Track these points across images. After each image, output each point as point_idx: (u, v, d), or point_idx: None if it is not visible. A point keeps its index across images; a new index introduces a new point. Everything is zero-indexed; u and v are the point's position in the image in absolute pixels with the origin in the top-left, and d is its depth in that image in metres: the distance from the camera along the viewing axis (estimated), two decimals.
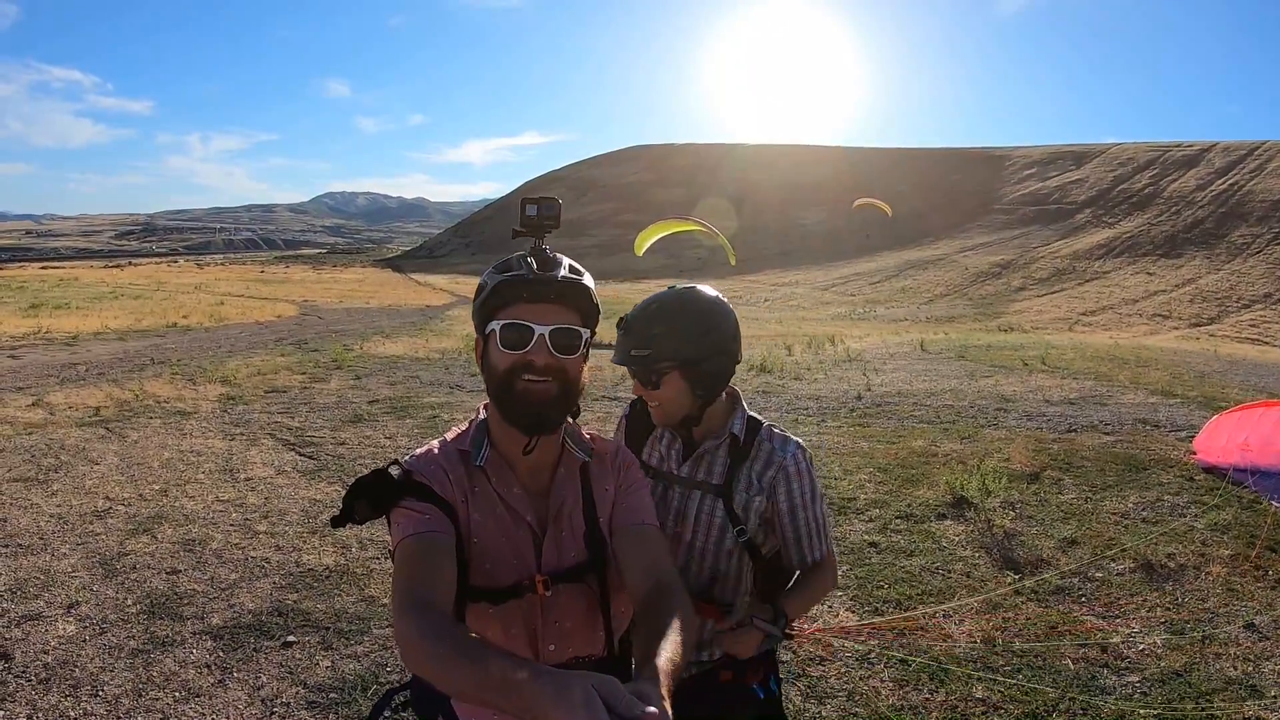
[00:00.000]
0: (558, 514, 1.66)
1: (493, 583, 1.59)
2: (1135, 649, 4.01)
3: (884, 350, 17.51)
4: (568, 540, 1.66)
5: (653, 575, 1.55)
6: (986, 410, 9.96)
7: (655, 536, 1.66)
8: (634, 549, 1.62)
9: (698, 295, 2.15)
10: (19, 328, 23.26)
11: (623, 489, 1.73)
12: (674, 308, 2.11)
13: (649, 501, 1.74)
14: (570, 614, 1.65)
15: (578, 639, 1.66)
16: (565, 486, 1.69)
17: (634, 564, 1.59)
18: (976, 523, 5.88)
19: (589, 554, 1.66)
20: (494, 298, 1.57)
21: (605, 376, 13.86)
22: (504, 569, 1.61)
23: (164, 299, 40.58)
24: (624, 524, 1.67)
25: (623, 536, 1.65)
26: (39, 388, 12.97)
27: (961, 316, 49.92)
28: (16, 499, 6.93)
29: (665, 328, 2.07)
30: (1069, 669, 3.84)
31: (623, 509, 1.69)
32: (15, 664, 4.26)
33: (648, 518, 1.69)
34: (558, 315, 1.57)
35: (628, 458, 1.80)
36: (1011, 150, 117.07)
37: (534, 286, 1.55)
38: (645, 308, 2.14)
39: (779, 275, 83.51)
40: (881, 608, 4.56)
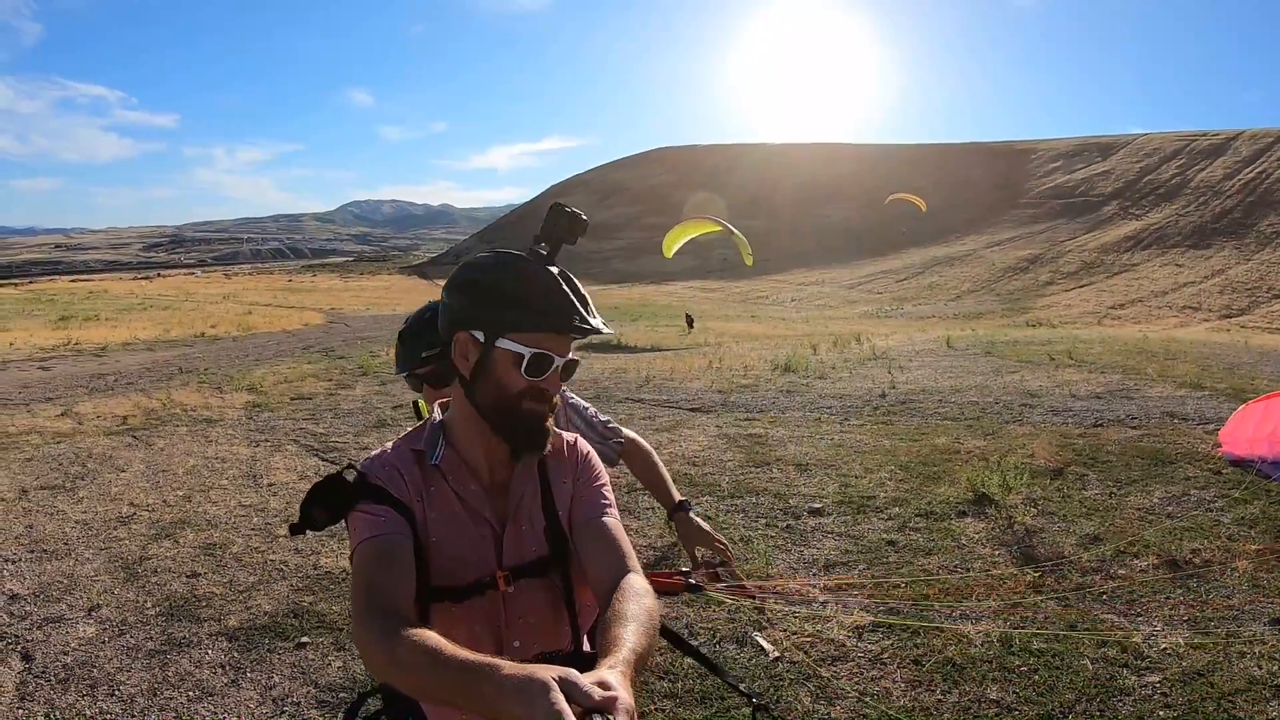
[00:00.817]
0: (517, 509, 1.66)
1: (454, 581, 1.59)
2: (1156, 648, 3.91)
3: (910, 348, 17.36)
4: (528, 535, 1.66)
5: (614, 569, 1.55)
6: (1012, 406, 9.84)
7: (614, 529, 1.65)
8: (594, 543, 1.62)
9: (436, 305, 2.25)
10: (49, 339, 23.63)
11: (580, 482, 1.72)
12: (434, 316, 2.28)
13: (607, 493, 1.73)
14: (534, 609, 1.65)
15: (543, 634, 1.66)
16: (523, 482, 1.68)
17: (595, 558, 1.60)
18: (997, 520, 5.79)
19: (550, 548, 1.66)
20: (523, 316, 1.54)
21: (629, 379, 13.87)
22: (464, 567, 1.60)
23: (192, 309, 41.10)
24: (583, 518, 1.67)
25: (583, 531, 1.65)
26: (68, 398, 13.18)
27: (989, 312, 49.52)
28: (43, 506, 7.05)
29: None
30: (1087, 669, 3.75)
31: (581, 503, 1.69)
32: (36, 664, 4.36)
33: (607, 511, 1.69)
34: (570, 347, 1.59)
35: (582, 450, 1.79)
36: (1036, 143, 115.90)
37: (579, 325, 1.54)
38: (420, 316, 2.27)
39: (804, 274, 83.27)
40: (897, 607, 4.51)
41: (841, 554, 5.38)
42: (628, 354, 19.82)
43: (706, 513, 6.35)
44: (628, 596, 1.42)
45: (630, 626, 1.32)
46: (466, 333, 1.57)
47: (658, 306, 51.93)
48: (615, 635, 1.29)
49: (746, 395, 11.77)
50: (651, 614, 1.40)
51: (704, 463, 7.87)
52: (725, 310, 57.61)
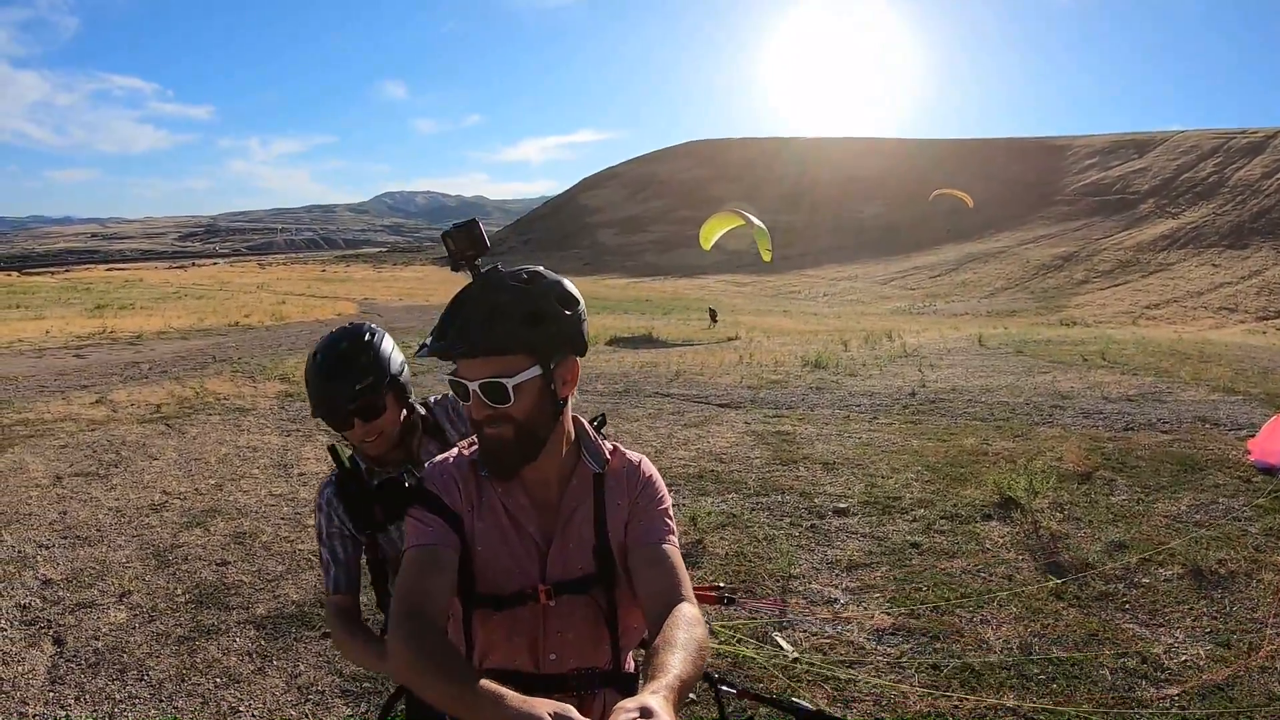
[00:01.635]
0: (566, 525, 1.66)
1: (497, 590, 1.61)
2: (1177, 659, 3.86)
3: (941, 345, 17.25)
4: (574, 552, 1.65)
5: (668, 596, 1.54)
6: (1042, 407, 9.75)
7: (671, 556, 1.63)
8: (649, 569, 1.60)
9: (351, 330, 2.22)
10: (85, 328, 23.97)
11: (639, 506, 1.70)
12: (350, 348, 2.15)
13: (669, 519, 1.71)
14: (573, 625, 1.65)
15: (582, 650, 1.66)
16: (576, 498, 1.68)
17: (649, 584, 1.58)
18: (1022, 524, 5.75)
19: (596, 567, 1.65)
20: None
21: (660, 373, 13.87)
22: (507, 577, 1.62)
23: (226, 298, 41.52)
24: (639, 543, 1.65)
25: (638, 556, 1.63)
26: (103, 386, 13.37)
27: (1023, 310, 49.03)
28: (77, 493, 7.18)
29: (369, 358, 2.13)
30: (1106, 680, 3.71)
31: (638, 527, 1.67)
32: (67, 649, 4.46)
33: (666, 538, 1.66)
34: (486, 368, 1.52)
35: (645, 473, 1.76)
36: (1072, 140, 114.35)
37: (444, 355, 1.53)
38: (335, 348, 2.14)
39: (838, 269, 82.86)
40: (918, 610, 4.49)
41: (865, 555, 5.36)
42: (659, 348, 19.82)
43: (731, 510, 6.36)
44: (679, 624, 1.42)
45: (678, 654, 1.31)
46: None
47: (690, 300, 51.80)
48: (662, 661, 1.29)
49: (776, 391, 11.78)
50: (701, 644, 1.39)
51: (731, 460, 7.88)
52: (758, 305, 57.42)
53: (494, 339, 1.49)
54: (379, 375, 2.10)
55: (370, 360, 2.11)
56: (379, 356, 2.13)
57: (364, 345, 2.14)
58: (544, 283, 1.57)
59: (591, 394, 12.02)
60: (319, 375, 2.08)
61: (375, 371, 2.10)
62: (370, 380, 2.07)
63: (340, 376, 2.07)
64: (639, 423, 9.81)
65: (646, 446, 8.47)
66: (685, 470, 7.55)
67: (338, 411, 2.09)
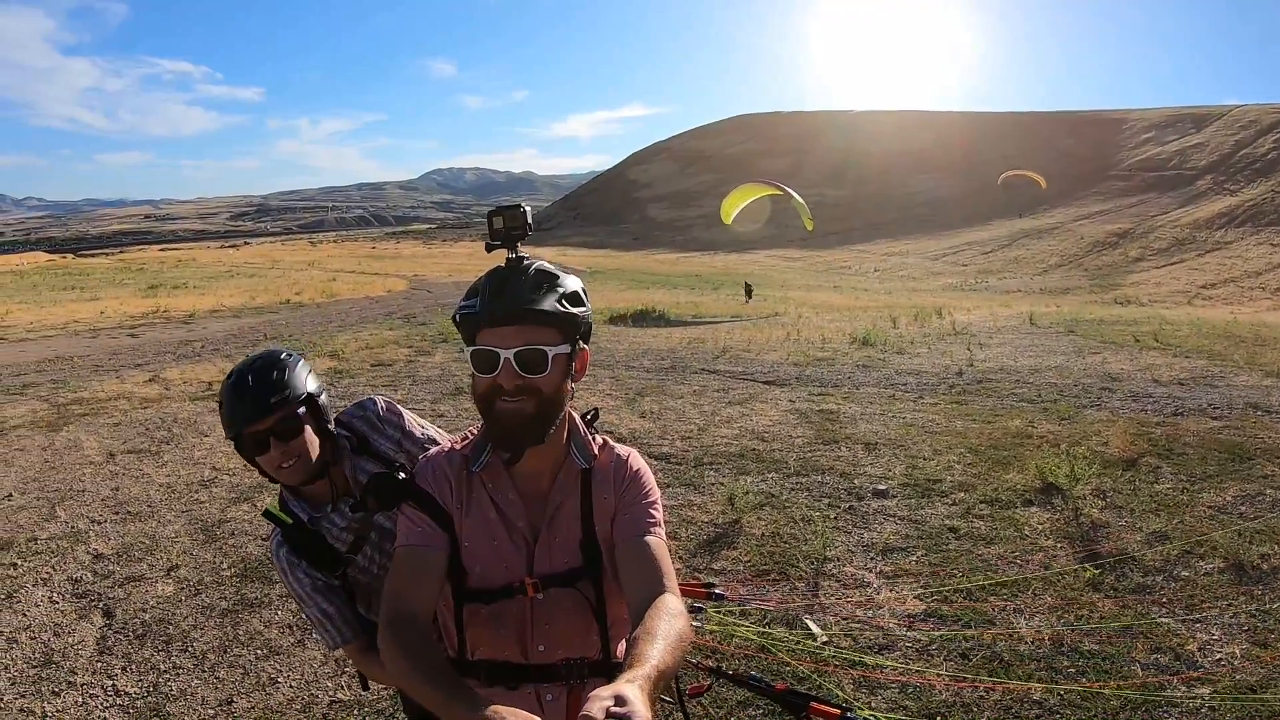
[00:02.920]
0: (552, 520, 1.69)
1: (485, 584, 1.65)
2: (1211, 657, 3.76)
3: (991, 324, 17.00)
4: (561, 546, 1.68)
5: (651, 588, 1.55)
6: (1091, 390, 9.56)
7: (656, 549, 1.64)
8: (634, 562, 1.62)
9: (267, 354, 2.11)
10: (139, 308, 24.50)
11: (625, 500, 1.72)
12: (264, 368, 2.04)
13: (655, 512, 1.72)
14: (560, 616, 1.68)
15: (570, 641, 1.69)
16: (563, 492, 1.70)
17: (633, 577, 1.60)
18: (1063, 511, 5.64)
19: (583, 561, 1.68)
20: (463, 329, 1.60)
21: (706, 349, 13.87)
22: (494, 572, 1.66)
23: (278, 277, 42.16)
24: (625, 536, 1.66)
25: (624, 549, 1.65)
26: (156, 364, 13.69)
27: (1076, 288, 48.10)
28: (129, 469, 7.37)
29: (283, 378, 2.04)
30: (1137, 675, 3.62)
31: (624, 521, 1.69)
32: (116, 620, 4.62)
33: (651, 530, 1.67)
34: (521, 336, 1.55)
35: (633, 467, 1.77)
36: (1128, 113, 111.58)
37: (491, 317, 1.56)
38: (238, 383, 2.02)
39: (889, 245, 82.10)
40: (951, 597, 4.44)
41: (901, 539, 5.32)
42: (707, 325, 19.79)
43: (770, 490, 6.35)
44: (659, 615, 1.43)
45: (658, 644, 1.32)
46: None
47: (740, 275, 51.51)
48: (641, 651, 1.29)
49: (822, 369, 11.71)
50: (681, 635, 1.40)
51: (773, 438, 7.86)
52: (807, 280, 57.05)
53: (544, 308, 1.54)
54: (294, 392, 2.02)
55: (284, 379, 2.02)
56: (294, 376, 2.05)
57: (279, 365, 2.04)
58: (573, 274, 1.64)
59: (638, 370, 12.07)
60: (233, 394, 1.99)
61: (290, 389, 2.01)
62: (285, 395, 1.99)
63: (254, 395, 1.97)
64: (683, 400, 9.82)
65: (689, 424, 8.50)
66: (726, 449, 7.55)
67: (247, 430, 1.98)
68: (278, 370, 2.02)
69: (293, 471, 2.00)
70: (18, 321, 21.84)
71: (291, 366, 2.06)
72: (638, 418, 8.92)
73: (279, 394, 1.98)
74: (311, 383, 2.09)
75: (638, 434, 8.17)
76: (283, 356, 2.08)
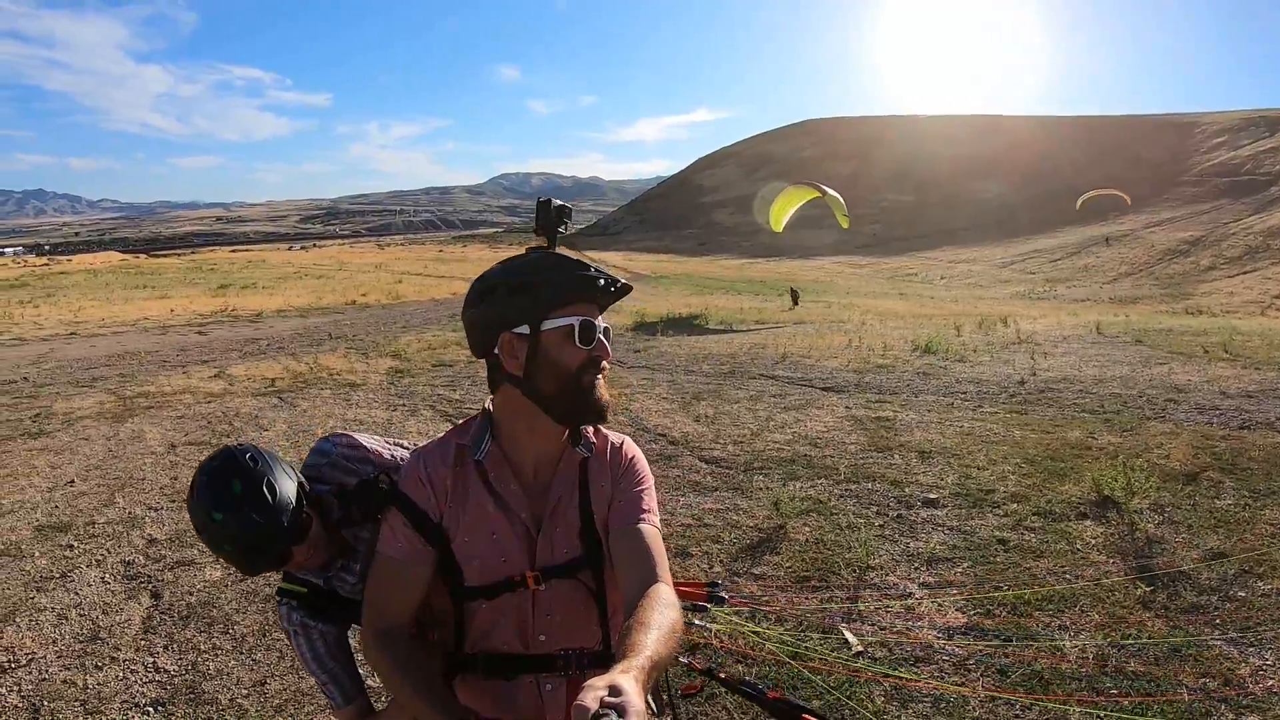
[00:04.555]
0: (554, 510, 1.68)
1: (485, 579, 1.65)
2: (1263, 684, 3.56)
3: (1057, 333, 16.60)
4: (562, 536, 1.67)
5: (643, 577, 1.54)
6: (1155, 401, 9.26)
7: (649, 537, 1.63)
8: (627, 551, 1.61)
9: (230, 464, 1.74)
10: (208, 306, 25.18)
11: (620, 487, 1.71)
12: (247, 483, 1.71)
13: (648, 499, 1.71)
14: (561, 607, 1.67)
15: (571, 632, 1.69)
16: (564, 482, 1.70)
17: (626, 565, 1.60)
18: (1118, 525, 5.45)
19: (583, 550, 1.67)
20: (554, 294, 1.58)
21: (767, 354, 13.77)
22: (493, 567, 1.65)
23: (345, 279, 42.99)
24: (619, 524, 1.66)
25: (618, 537, 1.64)
26: (222, 361, 14.07)
27: (1146, 297, 46.71)
28: (189, 460, 7.59)
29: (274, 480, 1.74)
30: (1182, 701, 3.45)
31: (619, 508, 1.68)
32: (163, 602, 4.78)
33: (644, 518, 1.67)
34: (599, 314, 1.64)
35: (628, 454, 1.77)
36: (1199, 116, 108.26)
37: (604, 291, 1.60)
38: (233, 514, 1.67)
39: (955, 252, 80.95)
40: (994, 610, 4.31)
41: (948, 549, 5.19)
42: (769, 329, 19.71)
43: (819, 496, 6.27)
44: (652, 605, 1.42)
45: (651, 633, 1.31)
46: (509, 333, 1.60)
47: (804, 282, 51.16)
48: (634, 641, 1.29)
49: (882, 376, 11.56)
50: (674, 625, 1.39)
51: (825, 444, 7.78)
52: (873, 287, 56.43)
53: None
54: (292, 495, 1.74)
55: (278, 490, 1.72)
56: (281, 478, 1.75)
57: (258, 472, 1.72)
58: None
59: (697, 374, 12.08)
60: (234, 530, 1.67)
61: (289, 494, 1.74)
62: (290, 506, 1.72)
63: (266, 526, 1.68)
64: (739, 404, 9.78)
65: (743, 428, 8.45)
66: (778, 454, 7.49)
67: (276, 553, 1.72)
68: (266, 483, 1.71)
69: (317, 557, 1.84)
70: (90, 318, 22.61)
71: (271, 468, 1.75)
72: (692, 421, 8.90)
73: (286, 510, 1.70)
74: (292, 473, 1.81)
75: (690, 437, 8.15)
76: (254, 461, 1.75)
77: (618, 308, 25.84)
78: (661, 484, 6.70)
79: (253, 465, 1.72)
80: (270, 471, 1.74)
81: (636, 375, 11.98)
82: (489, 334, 1.63)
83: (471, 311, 1.65)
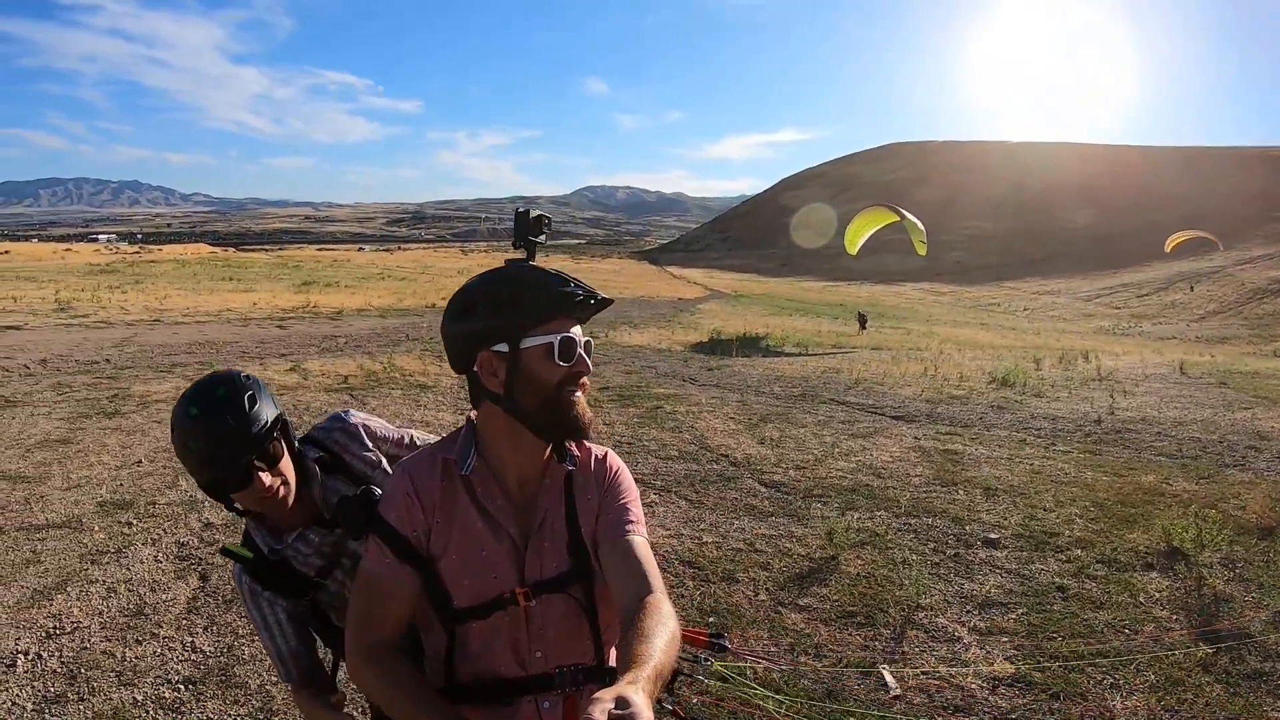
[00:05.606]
0: (541, 524, 1.66)
1: (475, 600, 1.62)
2: None
3: (1139, 371, 16.12)
4: (550, 550, 1.65)
5: (637, 589, 1.52)
6: (1236, 447, 8.85)
7: (639, 549, 1.61)
8: (618, 564, 1.59)
9: (224, 376, 1.86)
10: (290, 302, 25.87)
11: (607, 499, 1.70)
12: (230, 391, 1.81)
13: (634, 511, 1.69)
14: (554, 623, 1.65)
15: (565, 648, 1.67)
16: (549, 496, 1.68)
17: (618, 579, 1.58)
18: (1185, 579, 5.17)
19: (572, 564, 1.65)
20: (533, 311, 1.57)
21: (840, 379, 13.59)
22: (484, 584, 1.62)
23: (427, 281, 43.75)
24: (607, 536, 1.64)
25: (607, 550, 1.63)
26: (299, 355, 14.41)
27: (1234, 337, 44.85)
28: None
29: (257, 397, 1.83)
30: None
31: (606, 521, 1.67)
32: (209, 585, 4.94)
33: (633, 530, 1.65)
34: (584, 329, 1.65)
35: (612, 466, 1.76)
36: None
37: (583, 305, 1.60)
38: (208, 412, 1.76)
39: (1040, 283, 79.32)
40: (1045, 662, 4.11)
41: (1004, 594, 5.00)
42: (844, 354, 19.52)
43: (875, 529, 6.14)
44: (651, 615, 1.40)
45: (654, 644, 1.30)
46: (487, 350, 1.58)
47: (885, 307, 50.58)
48: (637, 651, 1.28)
49: (955, 407, 11.35)
50: (674, 635, 1.38)
51: (889, 475, 7.63)
52: (955, 315, 55.50)
53: None
54: (270, 415, 1.82)
55: (257, 404, 1.81)
56: (265, 399, 1.84)
57: (246, 389, 1.82)
58: None
59: (767, 395, 12.06)
60: (207, 430, 1.74)
61: (266, 412, 1.82)
62: (264, 421, 1.79)
63: (235, 427, 1.75)
64: (805, 429, 9.68)
65: (807, 454, 8.36)
66: (840, 482, 7.38)
67: (235, 464, 1.75)
68: (248, 395, 1.81)
69: (279, 503, 1.86)
70: (175, 306, 23.42)
71: (258, 389, 1.86)
72: (756, 443, 8.83)
73: (259, 422, 1.79)
74: (275, 404, 1.90)
75: (753, 459, 8.08)
76: (245, 378, 1.86)
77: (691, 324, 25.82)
78: (717, 506, 6.64)
79: (242, 381, 1.84)
80: (257, 391, 1.84)
81: (707, 394, 11.94)
82: (468, 351, 1.62)
83: (451, 327, 1.63)
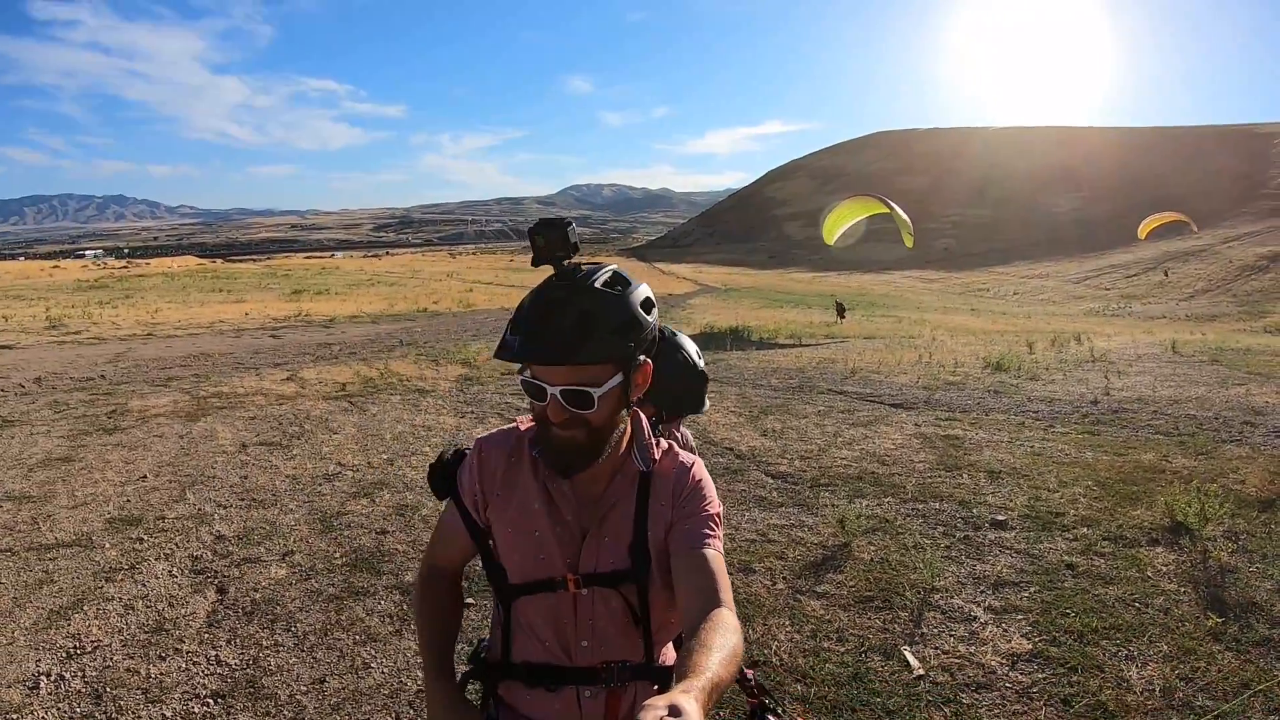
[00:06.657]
0: (604, 519, 1.66)
1: (525, 578, 1.66)
2: None
3: (1132, 351, 16.21)
4: (610, 546, 1.65)
5: (706, 601, 1.52)
6: (1232, 423, 8.96)
7: (714, 562, 1.60)
8: (690, 574, 1.58)
9: None
10: (282, 310, 25.82)
11: (685, 511, 1.67)
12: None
13: (714, 524, 1.67)
14: (603, 616, 1.67)
15: (613, 642, 1.68)
16: (619, 494, 1.67)
17: (688, 589, 1.56)
18: (1190, 553, 5.25)
19: (631, 564, 1.65)
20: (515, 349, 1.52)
21: (836, 369, 13.62)
22: (530, 564, 1.66)
23: (417, 286, 43.70)
24: (682, 548, 1.62)
25: (680, 560, 1.61)
26: (294, 364, 14.41)
27: (1224, 315, 45.10)
28: (259, 460, 7.76)
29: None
30: None
31: (681, 531, 1.64)
32: (228, 597, 4.88)
33: (709, 542, 1.62)
34: (567, 376, 1.49)
35: (695, 476, 1.72)
36: None
37: (528, 359, 1.50)
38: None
39: (1029, 267, 79.55)
40: (1060, 638, 4.19)
41: (1016, 573, 5.06)
42: (838, 344, 19.55)
43: (885, 515, 6.20)
44: (715, 628, 1.40)
45: (714, 655, 1.30)
46: None
47: (875, 296, 50.63)
48: (696, 661, 1.28)
49: (952, 393, 11.44)
50: (735, 650, 1.37)
51: (893, 462, 7.70)
52: (944, 302, 55.64)
53: (588, 349, 1.46)
54: None
55: None
56: None
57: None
58: (634, 289, 1.56)
59: (765, 388, 12.09)
60: None
61: None
62: None
63: None
64: (806, 419, 9.74)
65: (810, 444, 8.42)
66: (845, 471, 7.43)
67: None
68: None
69: None
70: (167, 320, 23.34)
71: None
72: (759, 435, 8.88)
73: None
74: None
75: (757, 452, 8.12)
76: None
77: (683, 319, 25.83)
78: (727, 498, 6.68)
79: None
80: None
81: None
82: None
83: None
